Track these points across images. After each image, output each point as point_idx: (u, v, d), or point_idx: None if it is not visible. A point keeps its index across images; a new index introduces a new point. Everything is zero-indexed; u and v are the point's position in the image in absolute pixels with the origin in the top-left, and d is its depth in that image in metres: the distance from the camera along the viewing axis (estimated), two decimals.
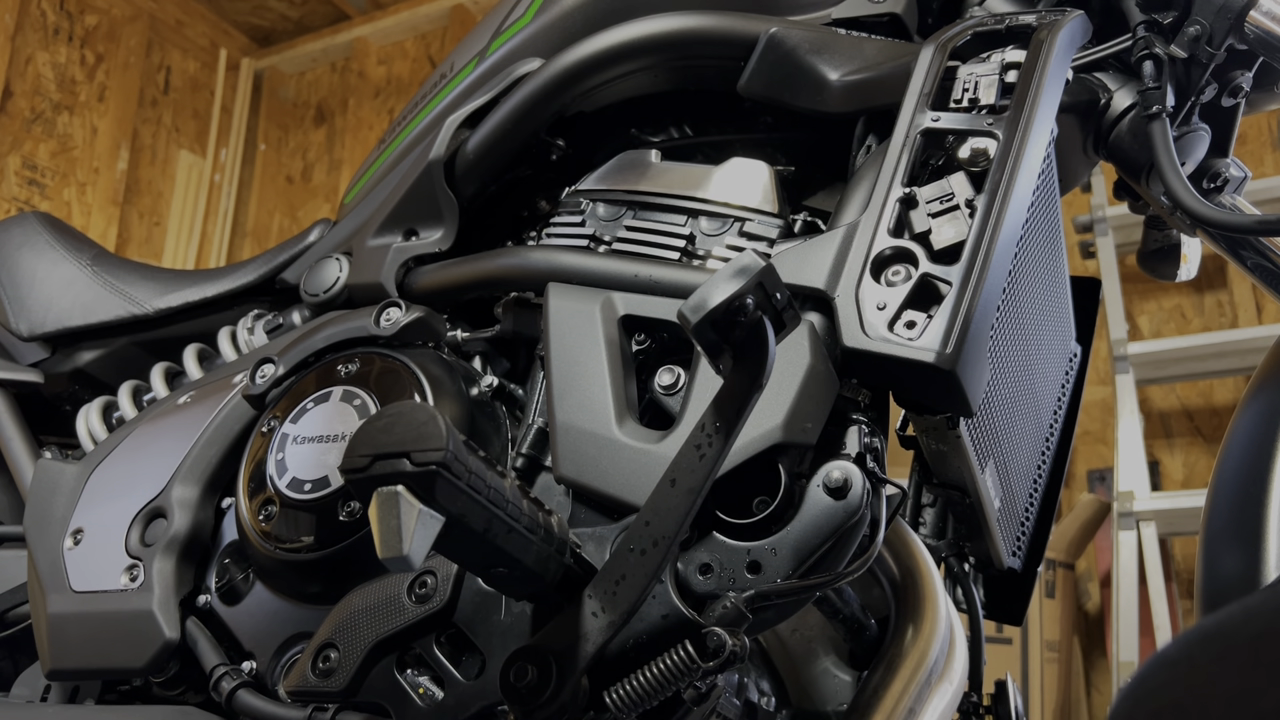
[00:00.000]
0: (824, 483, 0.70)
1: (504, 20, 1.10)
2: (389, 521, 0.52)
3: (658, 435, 0.75)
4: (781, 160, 0.97)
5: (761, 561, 0.68)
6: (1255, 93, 0.96)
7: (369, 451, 0.54)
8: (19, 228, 1.37)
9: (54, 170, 3.72)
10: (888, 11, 0.94)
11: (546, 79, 0.97)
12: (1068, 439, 1.11)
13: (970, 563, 1.05)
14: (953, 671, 0.87)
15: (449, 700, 0.73)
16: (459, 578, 0.73)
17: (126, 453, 1.03)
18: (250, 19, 4.47)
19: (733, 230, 0.88)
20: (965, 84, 0.80)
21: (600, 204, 0.95)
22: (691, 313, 0.57)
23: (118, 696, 0.99)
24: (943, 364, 0.68)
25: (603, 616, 0.62)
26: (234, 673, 0.84)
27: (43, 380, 1.26)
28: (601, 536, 0.72)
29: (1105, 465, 3.11)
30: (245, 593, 0.90)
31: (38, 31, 3.72)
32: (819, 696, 0.97)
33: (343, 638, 0.75)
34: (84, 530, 0.98)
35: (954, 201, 0.75)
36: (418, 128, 1.12)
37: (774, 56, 0.90)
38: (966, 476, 0.86)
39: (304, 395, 0.92)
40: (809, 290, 0.75)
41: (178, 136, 4.25)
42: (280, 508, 0.86)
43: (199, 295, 1.22)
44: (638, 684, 0.63)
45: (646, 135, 1.05)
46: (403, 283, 1.02)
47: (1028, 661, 2.72)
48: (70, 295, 1.27)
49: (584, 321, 0.83)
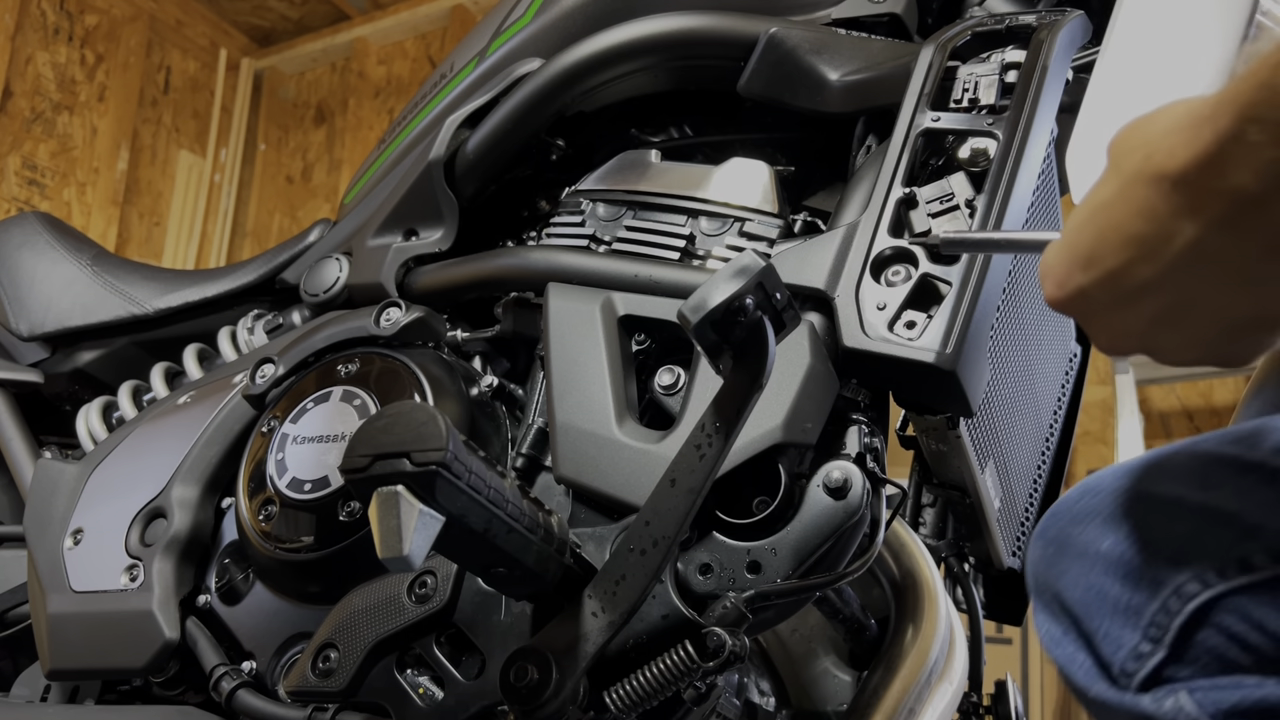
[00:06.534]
0: (824, 483, 0.70)
1: (504, 20, 1.10)
2: (389, 521, 0.52)
3: (658, 435, 0.75)
4: (781, 160, 0.97)
5: (761, 561, 0.68)
6: None
7: (369, 451, 0.54)
8: (19, 228, 1.37)
9: (54, 170, 3.71)
10: (888, 11, 0.94)
11: (546, 79, 0.97)
12: (1068, 439, 1.11)
13: (970, 563, 1.05)
14: (953, 671, 0.87)
15: (449, 700, 0.73)
16: (459, 578, 0.73)
17: (126, 453, 1.03)
18: (250, 19, 4.47)
19: (733, 230, 0.88)
20: (965, 84, 0.80)
21: (600, 204, 0.95)
22: (691, 313, 0.57)
23: (118, 696, 0.99)
24: (943, 364, 0.68)
25: (603, 616, 0.62)
26: (234, 673, 0.84)
27: (43, 380, 1.26)
28: (601, 536, 0.72)
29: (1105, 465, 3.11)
30: (245, 593, 0.90)
31: (38, 31, 3.71)
32: (819, 696, 0.97)
33: (343, 638, 0.75)
34: (84, 530, 0.98)
35: (954, 201, 0.75)
36: (418, 128, 1.12)
37: (774, 56, 0.90)
38: (966, 476, 0.86)
39: (304, 395, 0.92)
40: (809, 290, 0.75)
41: (178, 136, 4.25)
42: (280, 508, 0.86)
43: (199, 295, 1.22)
44: (638, 684, 0.63)
45: (646, 135, 1.05)
46: (403, 283, 1.02)
47: (1028, 661, 2.72)
48: (70, 295, 1.27)
49: (584, 321, 0.83)
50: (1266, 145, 0.38)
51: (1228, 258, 0.42)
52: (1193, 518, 0.55)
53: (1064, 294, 0.48)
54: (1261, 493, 0.53)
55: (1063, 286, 0.48)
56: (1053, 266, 0.49)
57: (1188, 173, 0.41)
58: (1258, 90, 0.38)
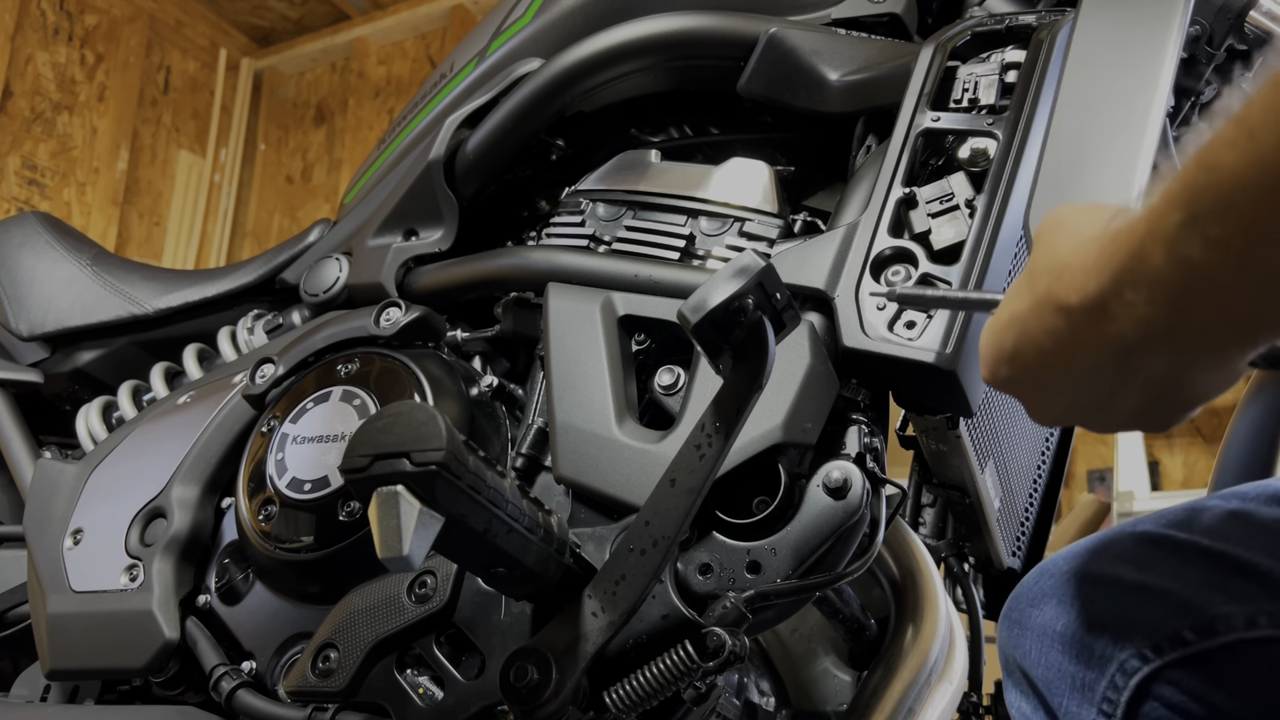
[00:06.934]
0: (824, 483, 0.70)
1: (504, 20, 1.10)
2: (389, 521, 0.52)
3: (658, 435, 0.75)
4: (781, 160, 0.97)
5: (761, 561, 0.68)
6: None
7: (369, 451, 0.54)
8: (19, 228, 1.37)
9: (54, 170, 3.71)
10: (888, 11, 0.94)
11: (546, 79, 0.97)
12: (1068, 439, 1.11)
13: (970, 563, 1.05)
14: (953, 671, 0.87)
15: (449, 700, 0.73)
16: (459, 578, 0.73)
17: (126, 453, 1.03)
18: (250, 19, 4.47)
19: (733, 230, 0.88)
20: (965, 84, 0.80)
21: (600, 204, 0.95)
22: (691, 313, 0.57)
23: (118, 696, 0.99)
24: (943, 364, 0.68)
25: (603, 616, 0.62)
26: (234, 673, 0.84)
27: (43, 380, 1.26)
28: (601, 536, 0.72)
29: (1105, 465, 3.11)
30: (245, 593, 0.90)
31: (37, 31, 3.72)
32: (819, 696, 0.97)
33: (342, 638, 0.75)
34: (84, 530, 0.98)
35: (954, 201, 0.75)
36: (418, 128, 1.12)
37: (774, 56, 0.90)
38: (966, 476, 0.86)
39: (304, 395, 0.92)
40: (809, 290, 0.75)
41: (178, 136, 4.25)
42: (280, 508, 0.86)
43: (199, 295, 1.22)
44: (638, 684, 0.63)
45: (646, 135, 1.05)
46: (403, 283, 1.02)
47: None
48: (70, 295, 1.27)
49: (584, 321, 0.83)
50: (1140, 304, 0.43)
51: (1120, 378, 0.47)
52: (1130, 596, 0.60)
53: (994, 380, 0.55)
54: (1191, 571, 0.59)
55: (993, 375, 0.54)
56: (984, 354, 0.55)
57: (1080, 313, 0.46)
58: (1129, 259, 0.43)
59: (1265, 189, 0.37)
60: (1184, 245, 0.40)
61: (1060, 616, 0.63)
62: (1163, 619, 0.57)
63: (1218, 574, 0.58)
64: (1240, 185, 0.37)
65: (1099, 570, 0.63)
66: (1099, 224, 0.47)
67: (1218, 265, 0.39)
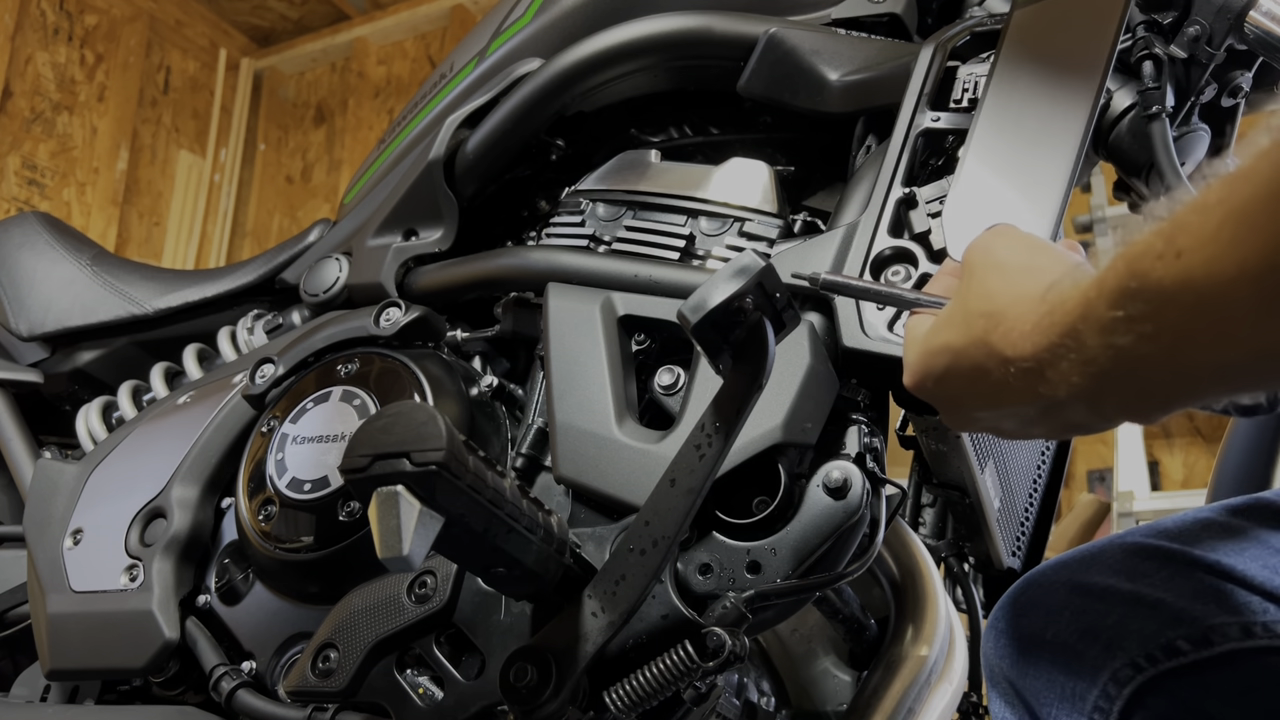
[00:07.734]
0: (824, 483, 0.70)
1: (504, 20, 1.10)
2: (389, 521, 0.52)
3: (658, 435, 0.75)
4: (781, 160, 0.97)
5: (761, 561, 0.68)
6: (1255, 93, 0.96)
7: (369, 451, 0.54)
8: (19, 228, 1.37)
9: (54, 170, 3.71)
10: (887, 11, 0.94)
11: (546, 79, 0.97)
12: (1067, 440, 1.11)
13: (970, 563, 1.05)
14: (953, 671, 0.87)
15: (449, 700, 0.73)
16: (459, 578, 0.73)
17: (126, 453, 1.03)
18: (250, 19, 4.47)
19: (732, 230, 0.88)
20: (965, 84, 0.80)
21: (600, 204, 0.95)
22: (691, 313, 0.57)
23: (117, 696, 0.99)
24: None
25: (602, 616, 0.62)
26: (234, 673, 0.84)
27: (43, 380, 1.26)
28: (601, 536, 0.72)
29: (1105, 465, 3.11)
30: (245, 593, 0.90)
31: (37, 31, 3.71)
32: (819, 696, 0.97)
33: (342, 638, 0.75)
34: (84, 530, 0.98)
35: None
36: (418, 128, 1.12)
37: (774, 56, 0.90)
38: (966, 476, 0.86)
39: (304, 395, 0.92)
40: (809, 290, 0.75)
41: (177, 136, 4.25)
42: (280, 508, 0.86)
43: (199, 295, 1.22)
44: (638, 684, 0.63)
45: (646, 135, 1.05)
46: (402, 283, 1.02)
47: None
48: (70, 295, 1.27)
49: (584, 321, 0.83)
50: (1073, 375, 0.46)
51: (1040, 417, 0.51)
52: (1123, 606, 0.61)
53: (917, 391, 0.58)
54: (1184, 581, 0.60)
55: (918, 387, 0.58)
56: (912, 366, 0.58)
57: (1014, 368, 0.49)
58: (1064, 336, 0.46)
59: (1192, 306, 0.39)
60: (1117, 335, 0.43)
61: (1049, 626, 0.63)
62: (1157, 629, 0.58)
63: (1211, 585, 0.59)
64: (1168, 300, 0.39)
65: (1089, 580, 0.64)
66: (1035, 282, 0.50)
67: (1146, 354, 0.42)
